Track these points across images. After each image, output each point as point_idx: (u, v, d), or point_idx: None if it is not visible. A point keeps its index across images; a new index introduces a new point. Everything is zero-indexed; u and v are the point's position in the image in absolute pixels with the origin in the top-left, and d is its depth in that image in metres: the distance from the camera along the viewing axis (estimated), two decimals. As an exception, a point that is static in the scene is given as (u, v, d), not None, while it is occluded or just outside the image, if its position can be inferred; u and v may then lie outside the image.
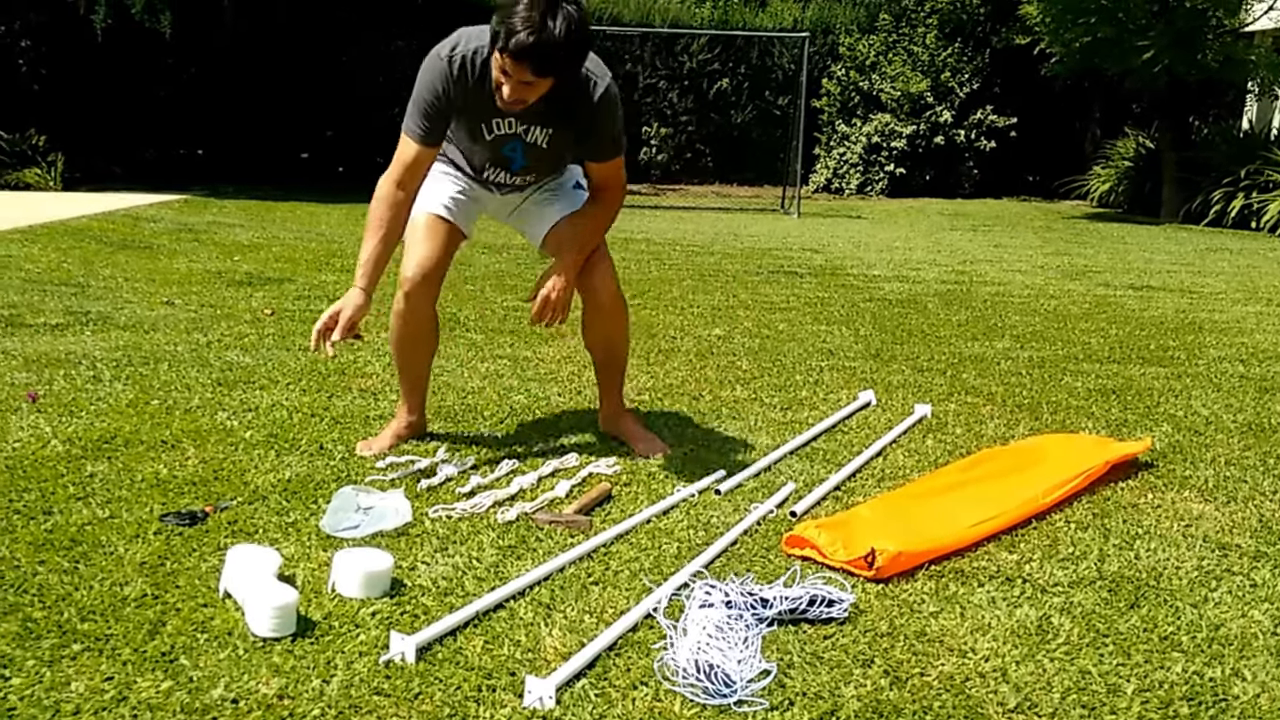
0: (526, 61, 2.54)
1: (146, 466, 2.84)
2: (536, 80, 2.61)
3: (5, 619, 1.97)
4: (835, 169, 18.60)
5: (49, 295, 5.30)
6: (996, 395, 4.17)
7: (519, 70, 2.57)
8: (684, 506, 2.74)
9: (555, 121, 2.90)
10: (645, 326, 5.34)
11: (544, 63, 2.56)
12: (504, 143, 2.94)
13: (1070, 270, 8.67)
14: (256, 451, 3.01)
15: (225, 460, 2.92)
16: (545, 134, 2.92)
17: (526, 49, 2.51)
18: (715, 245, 9.67)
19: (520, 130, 2.91)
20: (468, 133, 2.95)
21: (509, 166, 3.01)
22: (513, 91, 2.64)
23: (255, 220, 9.78)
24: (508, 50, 2.54)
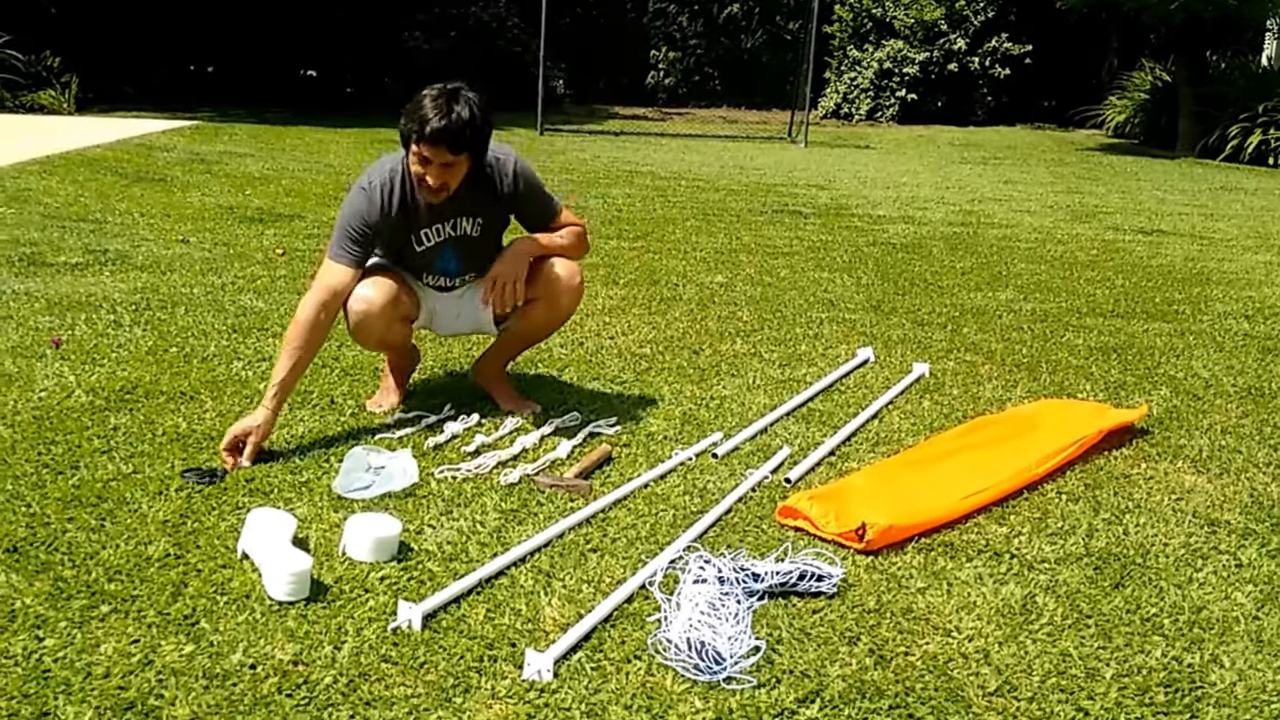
0: (443, 142, 2.73)
1: (166, 419, 2.95)
2: (455, 160, 2.78)
3: (38, 577, 2.10)
4: (845, 94, 18.44)
5: (68, 232, 5.39)
6: (996, 353, 4.24)
7: (437, 153, 2.75)
8: (681, 471, 2.85)
9: (481, 207, 3.01)
10: (648, 272, 5.40)
11: (457, 139, 2.74)
12: (435, 255, 3.03)
13: (1080, 211, 8.67)
14: (270, 405, 3.12)
15: (242, 413, 3.01)
16: (475, 223, 3.02)
17: (440, 130, 2.71)
18: (721, 179, 9.67)
19: (449, 231, 2.99)
20: (400, 255, 3.02)
21: (445, 272, 3.10)
22: (437, 176, 2.79)
23: (265, 149, 9.80)
24: (424, 138, 2.73)
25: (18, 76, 11.90)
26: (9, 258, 4.80)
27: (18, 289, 4.26)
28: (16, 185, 6.80)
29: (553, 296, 3.09)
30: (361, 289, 2.90)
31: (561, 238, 3.08)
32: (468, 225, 3.01)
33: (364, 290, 2.90)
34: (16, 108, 11.74)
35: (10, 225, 5.53)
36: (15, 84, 11.86)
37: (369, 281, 2.92)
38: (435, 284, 3.12)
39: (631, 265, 5.56)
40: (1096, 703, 1.89)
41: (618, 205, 7.69)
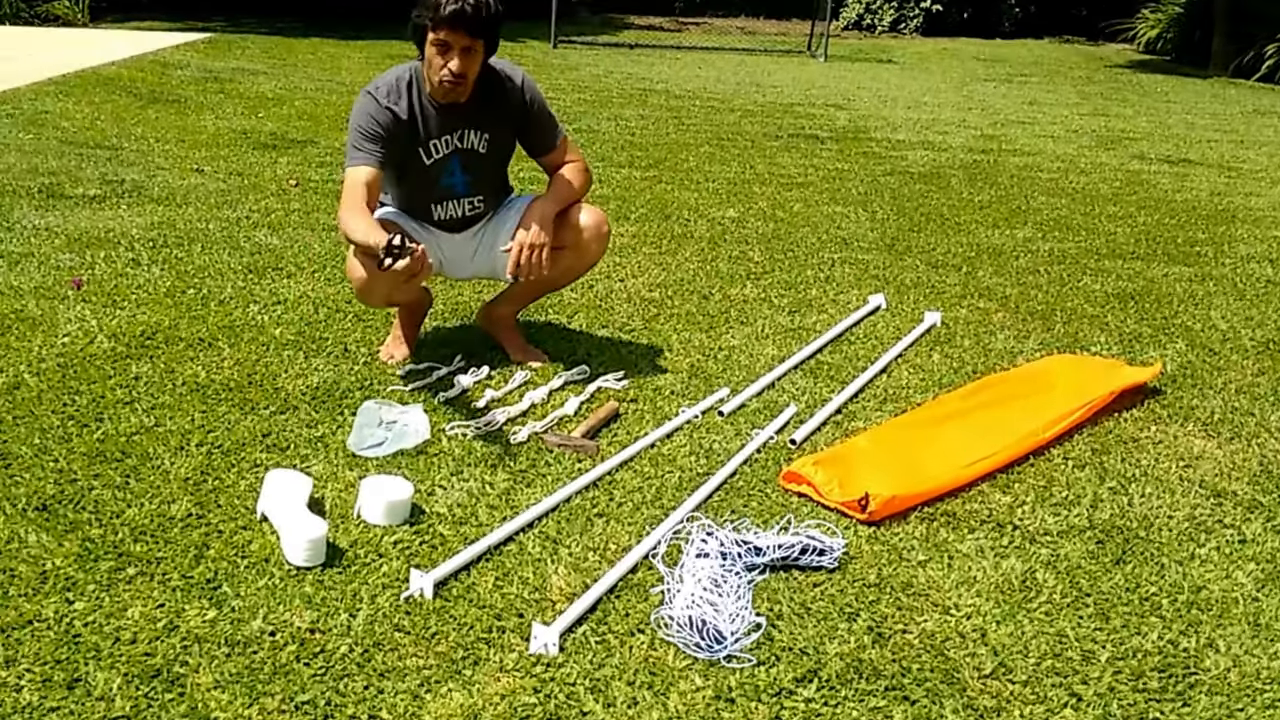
0: (461, 24, 2.75)
1: (186, 368, 3.01)
2: (473, 45, 2.80)
3: (67, 537, 2.18)
4: (868, 4, 17.99)
5: (85, 160, 5.42)
6: (1010, 299, 4.23)
7: (455, 36, 2.77)
8: (687, 430, 2.90)
9: (488, 121, 3.01)
10: (660, 205, 5.39)
11: (476, 20, 2.76)
12: (442, 169, 3.01)
13: (1106, 136, 8.54)
14: (286, 352, 3.17)
15: (258, 362, 3.08)
16: (482, 138, 3.03)
17: (458, 11, 2.73)
18: (736, 99, 9.54)
19: (456, 143, 2.99)
20: (406, 172, 2.99)
21: (453, 193, 3.07)
22: (459, 63, 2.79)
23: (277, 65, 9.72)
24: (443, 19, 2.74)
25: None
26: (29, 189, 4.83)
27: (38, 224, 4.30)
28: (34, 108, 6.80)
29: (580, 245, 3.12)
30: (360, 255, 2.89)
31: (572, 185, 3.10)
32: (475, 139, 3.02)
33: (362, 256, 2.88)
34: (32, 18, 11.64)
35: (29, 152, 5.54)
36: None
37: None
38: (444, 215, 3.09)
39: (643, 198, 5.54)
40: (1090, 687, 1.95)
41: (630, 129, 7.62)
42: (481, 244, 3.20)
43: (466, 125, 2.99)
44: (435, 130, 2.97)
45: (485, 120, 3.01)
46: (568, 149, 3.15)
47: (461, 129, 2.99)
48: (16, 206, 4.54)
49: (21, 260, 3.83)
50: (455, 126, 2.98)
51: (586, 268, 3.28)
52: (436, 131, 2.97)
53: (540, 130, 3.10)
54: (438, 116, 2.95)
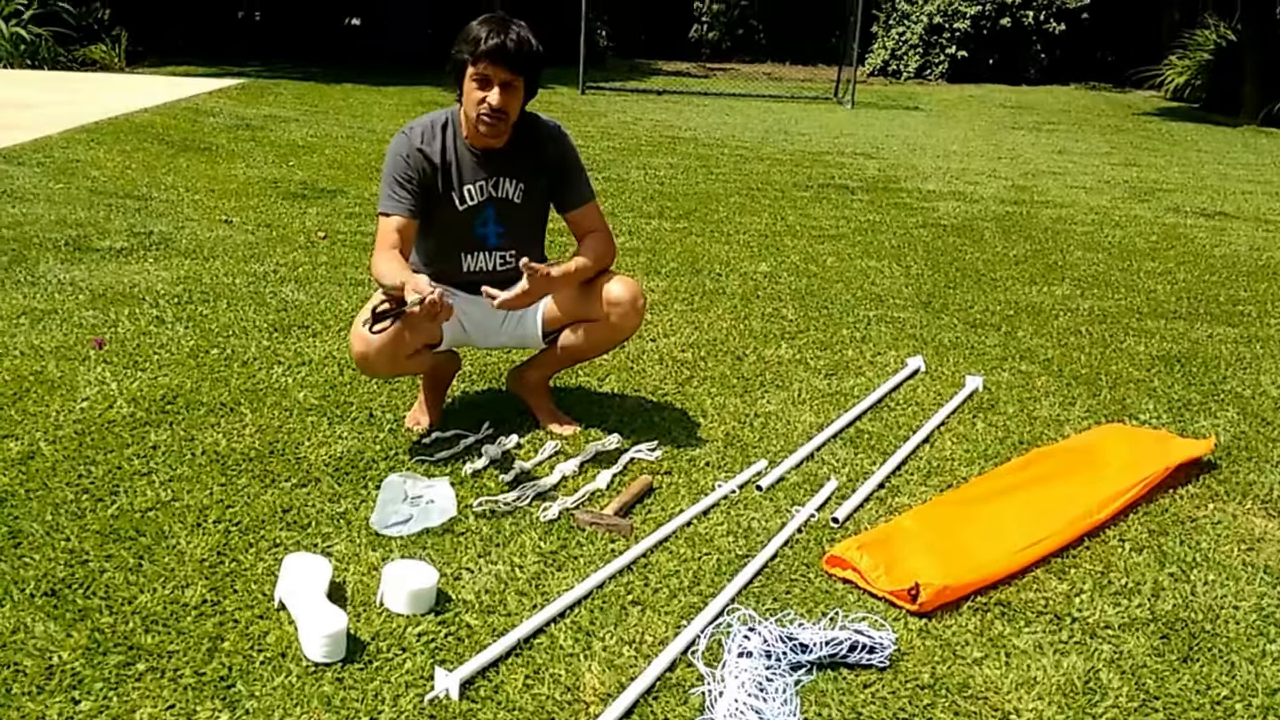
0: (502, 59, 2.72)
1: (206, 435, 2.91)
2: (514, 79, 2.76)
3: (76, 627, 2.07)
4: (893, 50, 18.00)
5: (114, 210, 5.39)
6: (1053, 362, 4.10)
7: (497, 70, 2.73)
8: (724, 506, 2.78)
9: (525, 171, 2.94)
10: (691, 259, 5.30)
11: (517, 56, 2.73)
12: (475, 216, 2.92)
13: (1139, 187, 8.42)
14: (310, 418, 3.08)
15: (280, 429, 2.99)
16: (517, 188, 2.95)
17: (499, 45, 2.71)
18: (765, 147, 9.48)
19: (491, 189, 2.91)
20: (437, 218, 2.90)
21: (485, 244, 2.97)
22: (500, 98, 2.74)
23: (309, 112, 9.75)
24: (484, 53, 2.71)
25: (68, 30, 11.88)
26: (55, 241, 4.80)
27: (64, 278, 4.25)
28: (66, 156, 6.80)
29: (613, 318, 2.98)
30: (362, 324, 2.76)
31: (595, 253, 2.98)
32: (510, 188, 2.94)
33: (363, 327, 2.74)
34: (70, 63, 11.77)
35: (59, 203, 5.52)
36: (67, 38, 11.85)
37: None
38: (473, 266, 2.96)
39: (674, 251, 5.46)
40: (1159, 807, 1.81)
41: (660, 177, 7.56)
42: (512, 313, 3.06)
43: (502, 173, 2.91)
44: (469, 175, 2.89)
45: (522, 169, 2.93)
46: (599, 217, 3.06)
47: (497, 177, 2.91)
48: (43, 259, 4.50)
49: (45, 317, 3.77)
50: (491, 173, 2.90)
51: (620, 341, 3.16)
52: (470, 177, 2.89)
53: (571, 185, 3.01)
54: (473, 161, 2.88)
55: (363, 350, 2.74)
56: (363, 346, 2.73)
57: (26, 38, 11.50)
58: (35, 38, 11.57)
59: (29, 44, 11.52)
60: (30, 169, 6.36)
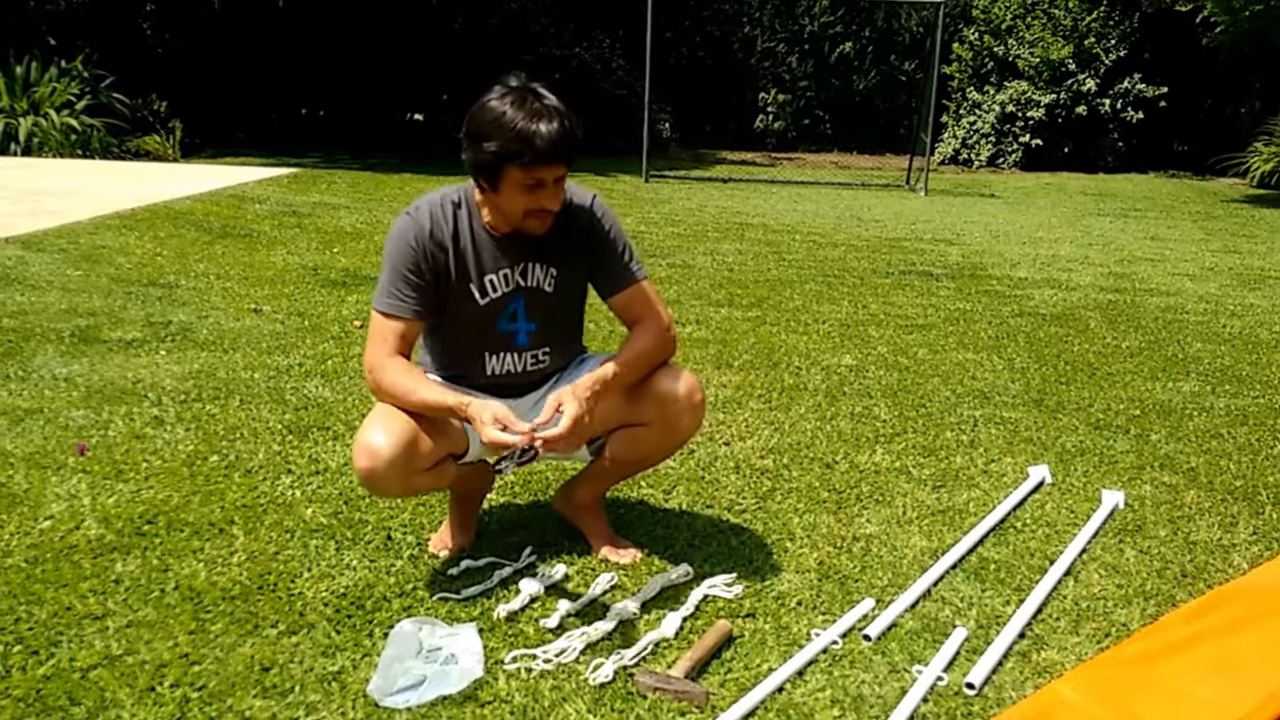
0: (561, 155, 2.22)
1: (184, 565, 2.38)
2: (565, 171, 2.28)
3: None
4: (964, 139, 17.56)
5: (133, 299, 4.98)
6: (1199, 472, 3.46)
7: (555, 170, 2.24)
8: (824, 662, 2.17)
9: (557, 253, 2.40)
10: (766, 350, 4.74)
11: (572, 145, 2.23)
12: (502, 308, 2.40)
13: (1246, 275, 7.74)
14: (314, 541, 2.54)
15: (276, 556, 2.45)
16: (548, 274, 2.41)
17: (558, 141, 2.20)
18: (838, 233, 8.96)
19: (519, 278, 2.39)
20: (453, 315, 2.39)
21: (514, 343, 2.44)
22: (555, 196, 2.27)
23: (362, 200, 9.44)
24: (540, 155, 2.19)
25: (122, 121, 11.83)
26: (60, 332, 4.37)
27: (59, 373, 3.80)
28: (92, 242, 6.46)
29: (669, 419, 2.44)
30: (369, 430, 2.24)
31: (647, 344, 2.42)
32: (540, 274, 2.40)
33: (370, 434, 2.23)
34: (122, 153, 11.65)
35: (73, 291, 5.12)
36: (119, 129, 11.78)
37: (379, 418, 2.27)
38: (499, 369, 2.44)
39: (747, 341, 4.91)
40: None
41: (728, 264, 7.06)
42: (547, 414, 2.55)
43: (529, 258, 2.39)
44: (490, 263, 2.37)
45: (553, 251, 2.40)
46: (650, 301, 2.48)
47: (525, 263, 2.39)
48: (40, 352, 4.06)
49: (26, 418, 3.30)
50: (516, 259, 2.38)
51: (678, 445, 2.58)
52: (492, 265, 2.37)
53: (612, 264, 2.45)
54: (494, 247, 2.36)
55: (369, 466, 2.20)
56: (368, 461, 2.20)
57: (78, 128, 11.37)
58: (87, 128, 11.46)
59: (80, 134, 11.38)
60: (49, 255, 6.00)
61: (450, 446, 2.36)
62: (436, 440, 2.29)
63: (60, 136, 11.26)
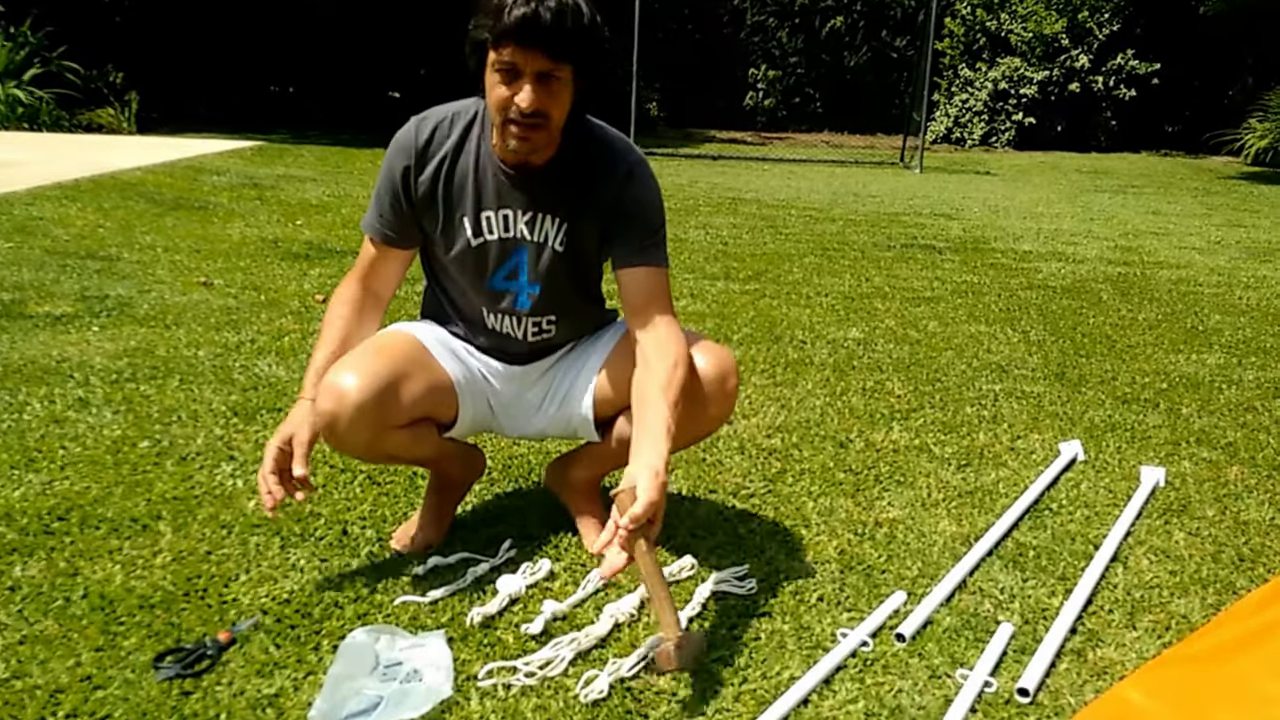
0: (536, 38, 1.79)
1: (96, 569, 2.02)
2: (554, 68, 1.84)
3: None
4: (957, 117, 17.23)
5: (68, 272, 4.57)
6: (1238, 447, 3.16)
7: (529, 56, 1.81)
8: (854, 668, 1.84)
9: (572, 206, 2.00)
10: (767, 324, 4.41)
11: (557, 32, 1.80)
12: (498, 261, 2.03)
13: (1255, 248, 7.45)
14: (255, 539, 2.19)
15: (209, 556, 2.10)
16: (560, 230, 2.01)
17: (530, 17, 1.78)
18: (835, 208, 8.63)
19: (523, 230, 2.01)
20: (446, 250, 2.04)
21: (513, 305, 2.07)
22: (532, 96, 1.83)
23: (330, 172, 9.00)
24: (508, 32, 1.79)
25: (74, 92, 11.14)
26: (-24, 307, 3.97)
27: (-30, 351, 3.42)
28: (27, 213, 5.98)
29: (694, 406, 2.00)
30: (339, 368, 1.91)
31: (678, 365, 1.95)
32: (550, 228, 2.01)
33: (340, 373, 1.91)
34: (73, 127, 10.95)
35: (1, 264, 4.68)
36: (72, 100, 11.08)
37: (355, 355, 1.95)
38: (498, 327, 2.09)
39: (746, 314, 4.57)
40: None
41: (723, 238, 6.71)
42: (554, 389, 2.17)
43: (541, 207, 2.00)
44: (491, 199, 1.99)
45: (571, 203, 2.01)
46: (667, 293, 2.05)
47: (534, 211, 2.00)
48: (-49, 329, 3.66)
49: (-73, 401, 2.92)
50: (525, 205, 1.99)
51: (701, 437, 2.19)
52: (493, 201, 1.99)
53: (637, 230, 2.02)
54: (501, 182, 1.98)
55: (332, 410, 1.87)
56: (332, 404, 1.87)
57: (25, 100, 10.70)
58: (36, 100, 10.80)
59: (27, 107, 10.71)
60: (-25, 226, 5.57)
61: (435, 408, 2.02)
62: (422, 396, 1.95)
63: (4, 109, 10.57)
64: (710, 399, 2.04)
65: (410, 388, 1.95)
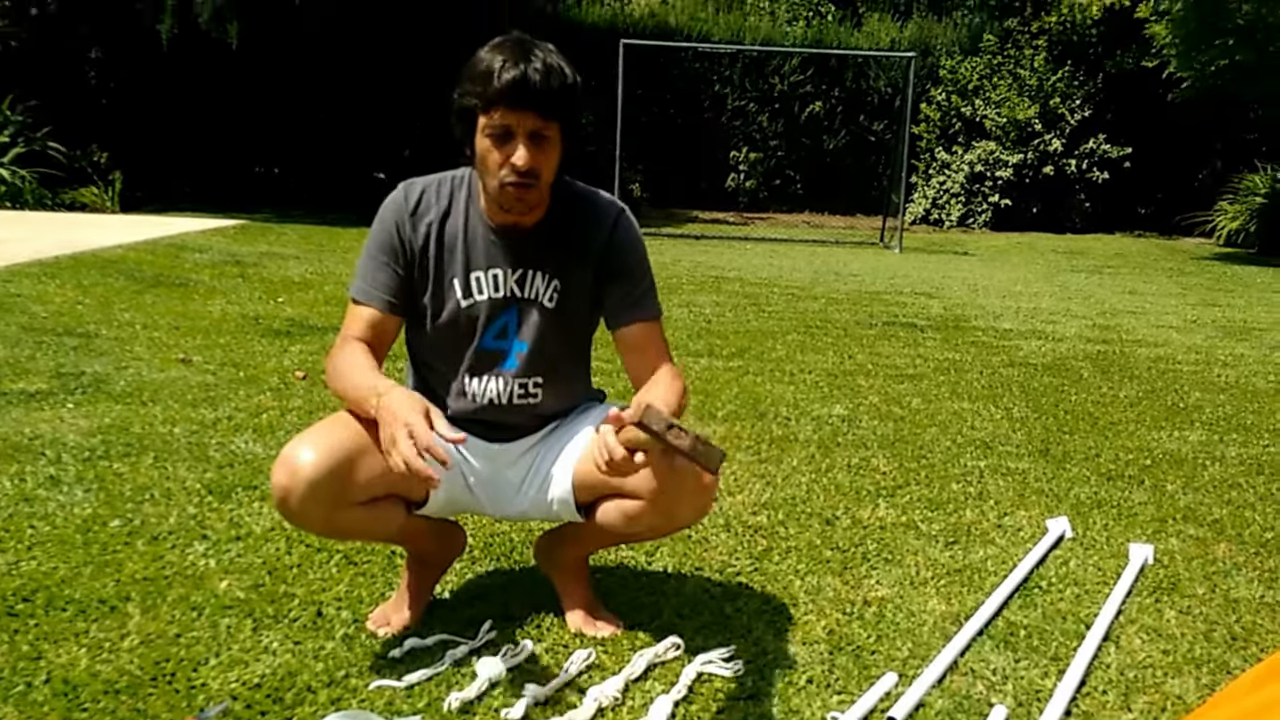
0: (528, 99, 1.86)
1: (61, 652, 1.95)
2: (545, 126, 1.90)
3: None
4: (934, 199, 17.47)
5: (44, 349, 4.52)
6: (1225, 524, 3.14)
7: (521, 117, 1.87)
8: (849, 756, 1.79)
9: (564, 263, 2.04)
10: (751, 400, 4.39)
11: (547, 93, 1.86)
12: (488, 321, 2.03)
13: (1230, 327, 7.53)
14: (227, 620, 2.12)
15: (177, 639, 2.03)
16: (551, 286, 2.04)
17: (521, 79, 1.84)
18: (817, 287, 8.69)
19: (514, 285, 2.03)
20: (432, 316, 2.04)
21: (498, 364, 2.07)
22: (527, 155, 1.89)
23: (313, 251, 9.01)
24: (500, 96, 1.85)
25: (58, 171, 11.15)
26: (-52, 386, 3.90)
27: (-61, 430, 3.34)
28: (5, 290, 5.91)
29: (666, 501, 1.98)
30: (297, 442, 1.87)
31: (675, 393, 2.01)
32: (541, 285, 2.03)
33: (296, 446, 1.87)
34: (56, 206, 10.93)
35: (-28, 341, 4.63)
36: (55, 179, 11.09)
37: (314, 429, 1.91)
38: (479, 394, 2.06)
39: (729, 391, 4.56)
40: None
41: (706, 315, 6.73)
42: (534, 469, 2.13)
43: (531, 264, 2.02)
44: (482, 260, 2.01)
45: (560, 261, 2.04)
46: (665, 344, 2.12)
47: (524, 269, 2.02)
48: (-78, 407, 3.59)
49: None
50: (515, 263, 2.02)
51: (675, 530, 2.17)
52: (484, 262, 2.01)
53: (629, 286, 2.08)
54: (491, 242, 2.01)
55: (285, 484, 1.82)
56: (286, 478, 1.82)
57: (8, 179, 10.71)
58: (18, 179, 10.80)
59: (10, 186, 10.73)
60: (-51, 305, 5.50)
61: (400, 485, 1.96)
62: (384, 472, 1.87)
63: None
64: (682, 496, 1.98)
65: (370, 463, 1.89)
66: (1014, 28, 17.44)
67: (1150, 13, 13.84)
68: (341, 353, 1.98)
